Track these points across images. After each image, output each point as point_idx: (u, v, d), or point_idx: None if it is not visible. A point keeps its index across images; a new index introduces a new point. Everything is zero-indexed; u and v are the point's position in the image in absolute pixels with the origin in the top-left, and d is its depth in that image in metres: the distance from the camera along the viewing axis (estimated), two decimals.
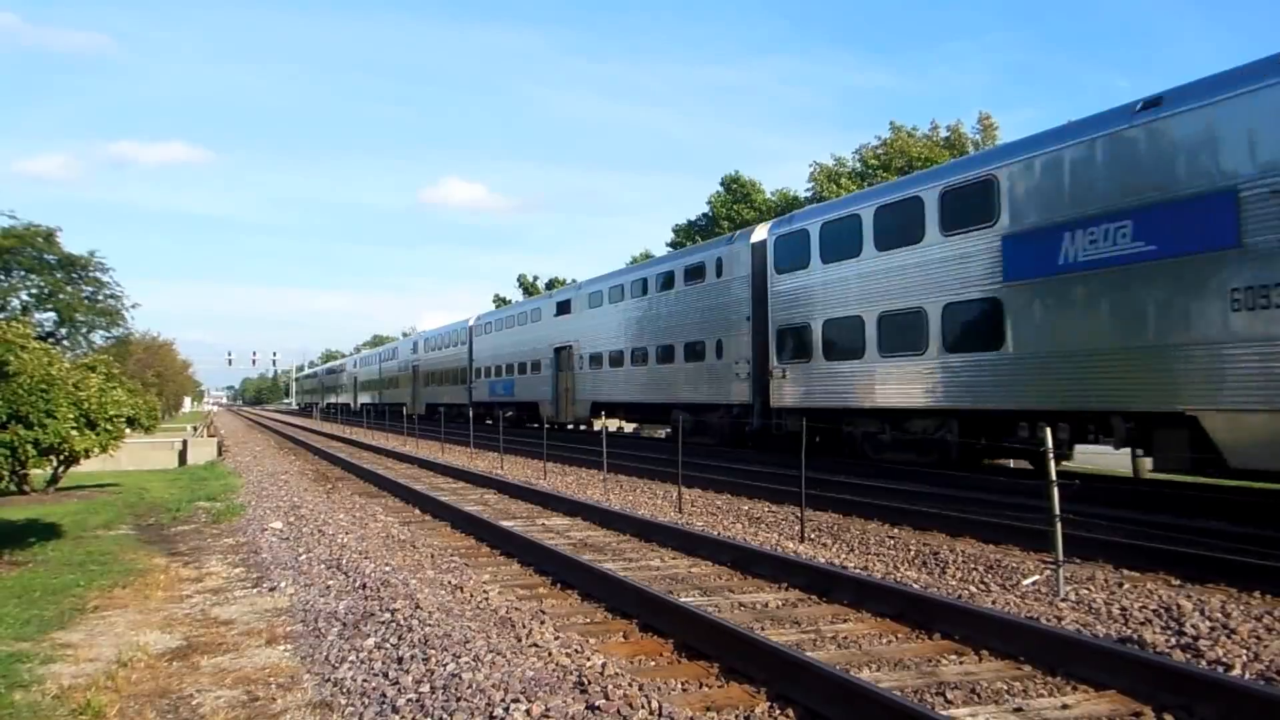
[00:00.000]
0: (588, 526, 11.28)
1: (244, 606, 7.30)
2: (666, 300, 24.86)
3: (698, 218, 56.95)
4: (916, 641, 5.98)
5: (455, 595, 7.33)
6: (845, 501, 11.99)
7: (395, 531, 11.02)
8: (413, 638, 5.93)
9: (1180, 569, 7.85)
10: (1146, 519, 10.06)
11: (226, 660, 5.78)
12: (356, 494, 15.62)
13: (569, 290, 33.81)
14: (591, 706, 4.57)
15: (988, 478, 14.43)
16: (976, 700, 4.83)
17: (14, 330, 11.89)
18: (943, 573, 8.22)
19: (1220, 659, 5.42)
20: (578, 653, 5.54)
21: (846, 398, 16.97)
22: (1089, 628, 6.17)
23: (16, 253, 42.58)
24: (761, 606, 7.01)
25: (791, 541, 9.86)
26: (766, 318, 19.45)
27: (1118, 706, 4.68)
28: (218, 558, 9.62)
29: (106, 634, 6.45)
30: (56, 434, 11.35)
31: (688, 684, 5.16)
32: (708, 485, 14.61)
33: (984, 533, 9.81)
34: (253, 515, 12.71)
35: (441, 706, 4.66)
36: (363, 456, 24.91)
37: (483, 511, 12.34)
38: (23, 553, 9.60)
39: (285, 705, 4.92)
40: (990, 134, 42.19)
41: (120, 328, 48.39)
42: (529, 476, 17.48)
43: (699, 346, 22.83)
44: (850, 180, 43.79)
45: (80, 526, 11.69)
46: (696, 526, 10.69)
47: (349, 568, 8.47)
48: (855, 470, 15.43)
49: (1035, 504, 9.47)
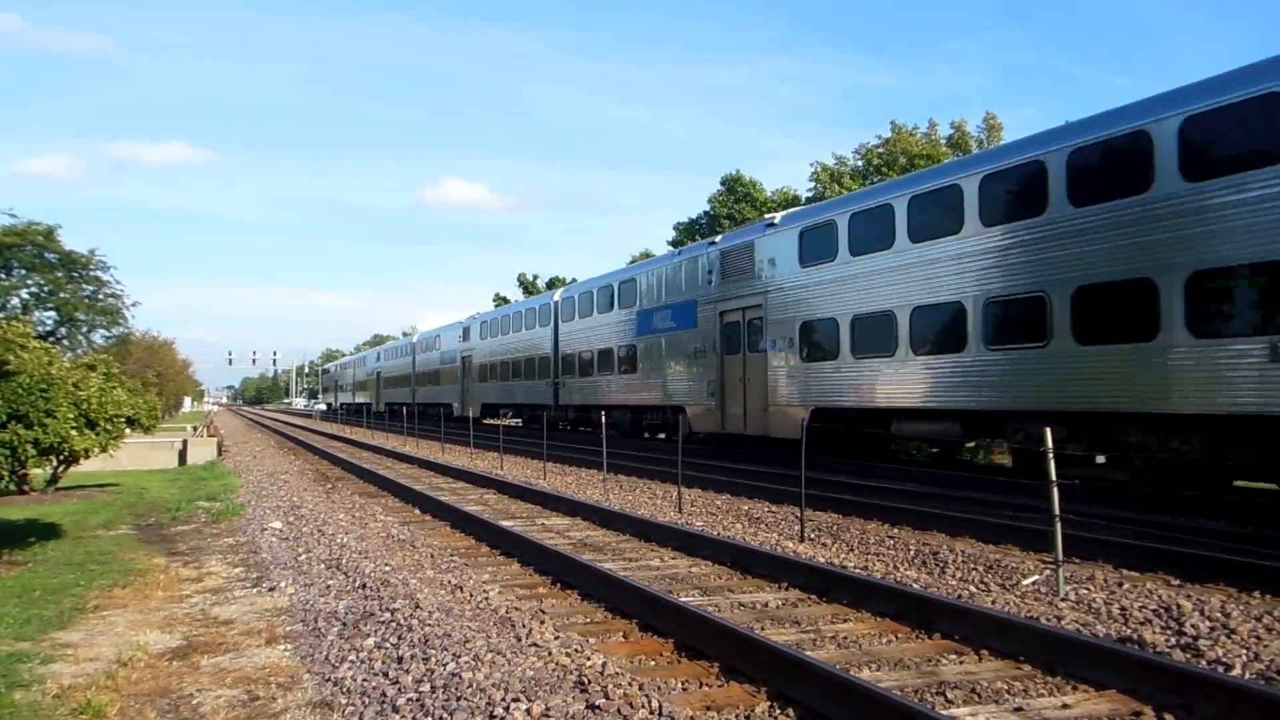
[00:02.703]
0: (588, 526, 11.28)
1: (244, 606, 7.30)
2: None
3: (699, 216, 56.98)
4: (916, 641, 5.98)
5: (455, 595, 7.33)
6: (845, 501, 11.99)
7: (395, 531, 11.03)
8: (413, 637, 5.93)
9: (1180, 569, 7.85)
10: (1146, 519, 10.06)
11: (226, 660, 5.78)
12: (356, 494, 15.62)
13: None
14: (591, 706, 4.57)
15: (987, 478, 14.45)
16: (976, 700, 4.83)
17: (14, 329, 11.89)
18: (942, 572, 8.22)
19: (1220, 659, 5.42)
20: (578, 652, 5.55)
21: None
22: (1089, 627, 6.17)
23: (17, 250, 42.55)
24: (761, 606, 7.01)
25: (791, 541, 9.87)
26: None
27: (1118, 706, 4.68)
28: (217, 557, 9.62)
29: (106, 633, 6.45)
30: (56, 434, 11.34)
31: (688, 683, 5.16)
32: (707, 485, 14.61)
33: (983, 533, 9.81)
34: (252, 515, 12.71)
35: (442, 706, 4.66)
36: (363, 456, 24.90)
37: (483, 511, 12.34)
38: (22, 552, 9.61)
39: (285, 705, 4.92)
40: (996, 133, 42.15)
41: (120, 327, 48.38)
42: (529, 476, 17.49)
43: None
44: (852, 180, 43.78)
45: (80, 526, 11.69)
46: (696, 526, 10.69)
47: (349, 567, 8.47)
48: (855, 470, 15.44)
49: (1034, 504, 9.48)
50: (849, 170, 46.23)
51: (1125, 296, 11.45)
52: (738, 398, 19.73)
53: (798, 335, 17.50)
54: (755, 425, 18.97)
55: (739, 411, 19.59)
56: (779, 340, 18.15)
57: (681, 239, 54.37)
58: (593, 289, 28.27)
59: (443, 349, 46.14)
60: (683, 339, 22.04)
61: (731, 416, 19.93)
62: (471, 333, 41.19)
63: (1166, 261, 10.90)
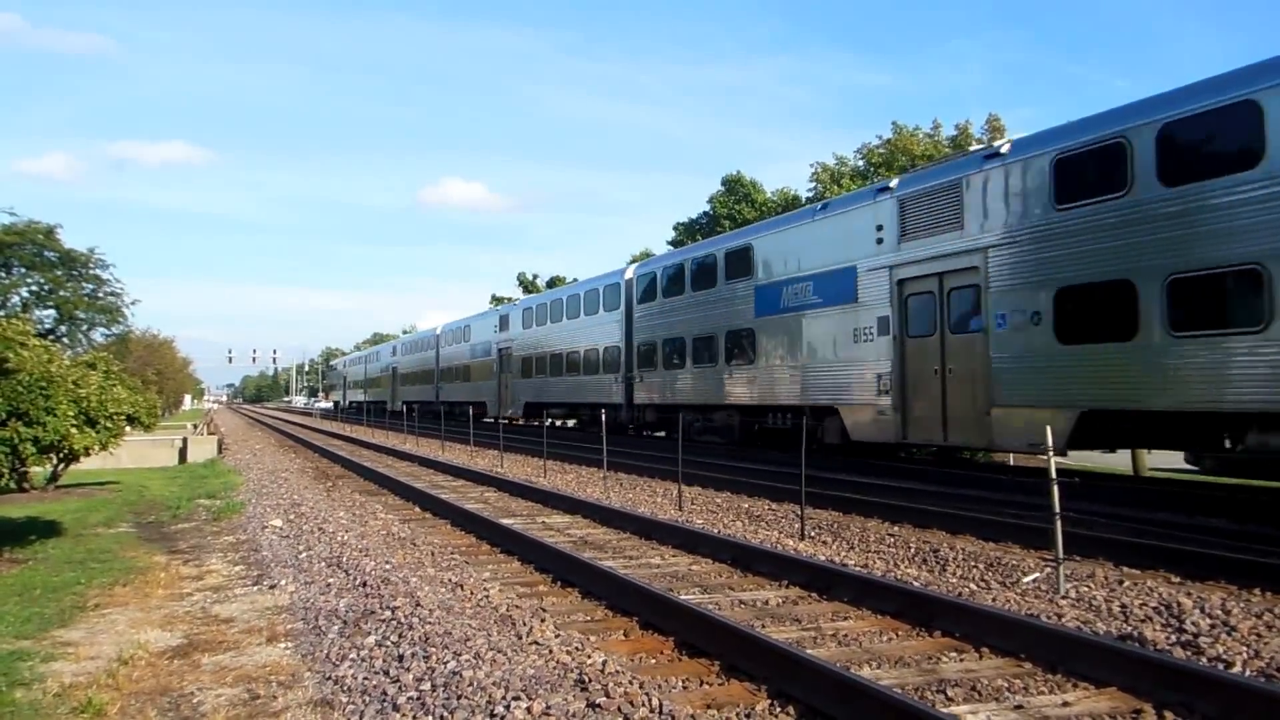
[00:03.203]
0: (588, 524, 11.28)
1: (244, 604, 7.30)
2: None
3: (699, 216, 56.94)
4: (917, 639, 5.98)
5: (456, 593, 7.33)
6: (845, 499, 11.99)
7: (395, 529, 11.03)
8: (413, 635, 5.93)
9: (1180, 566, 7.85)
10: (1146, 516, 10.06)
11: (227, 658, 5.78)
12: (357, 492, 15.62)
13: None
14: (592, 704, 4.57)
15: (989, 475, 14.43)
16: (977, 698, 4.83)
17: (14, 327, 11.86)
18: (943, 570, 8.23)
19: (1220, 656, 5.42)
20: (578, 650, 5.55)
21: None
22: (1089, 625, 6.17)
23: (17, 249, 42.55)
24: (762, 604, 7.01)
25: (791, 539, 9.87)
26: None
27: (1118, 704, 4.68)
28: (218, 555, 9.63)
29: (107, 632, 6.45)
30: (56, 431, 11.33)
31: (688, 682, 5.16)
32: (708, 483, 14.60)
33: (984, 530, 9.81)
34: (253, 513, 12.71)
35: (442, 704, 4.66)
36: (363, 454, 24.91)
37: (483, 509, 12.33)
38: (23, 550, 9.61)
39: (286, 703, 4.92)
40: (998, 135, 42.14)
41: (120, 325, 48.35)
42: (529, 475, 17.48)
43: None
44: (852, 180, 43.76)
45: (80, 524, 11.69)
46: (697, 524, 10.69)
47: (349, 565, 8.47)
48: (855, 468, 15.42)
49: (1035, 502, 9.49)
50: (849, 170, 46.22)
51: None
52: (930, 395, 14.51)
53: (1050, 305, 12.31)
54: (964, 433, 14.03)
55: (932, 415, 14.44)
56: (1013, 313, 12.95)
57: (681, 239, 54.27)
58: (683, 261, 22.96)
59: (474, 340, 39.80)
60: (832, 318, 16.70)
61: (919, 421, 14.78)
62: (511, 321, 35.14)
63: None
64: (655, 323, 23.78)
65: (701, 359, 21.33)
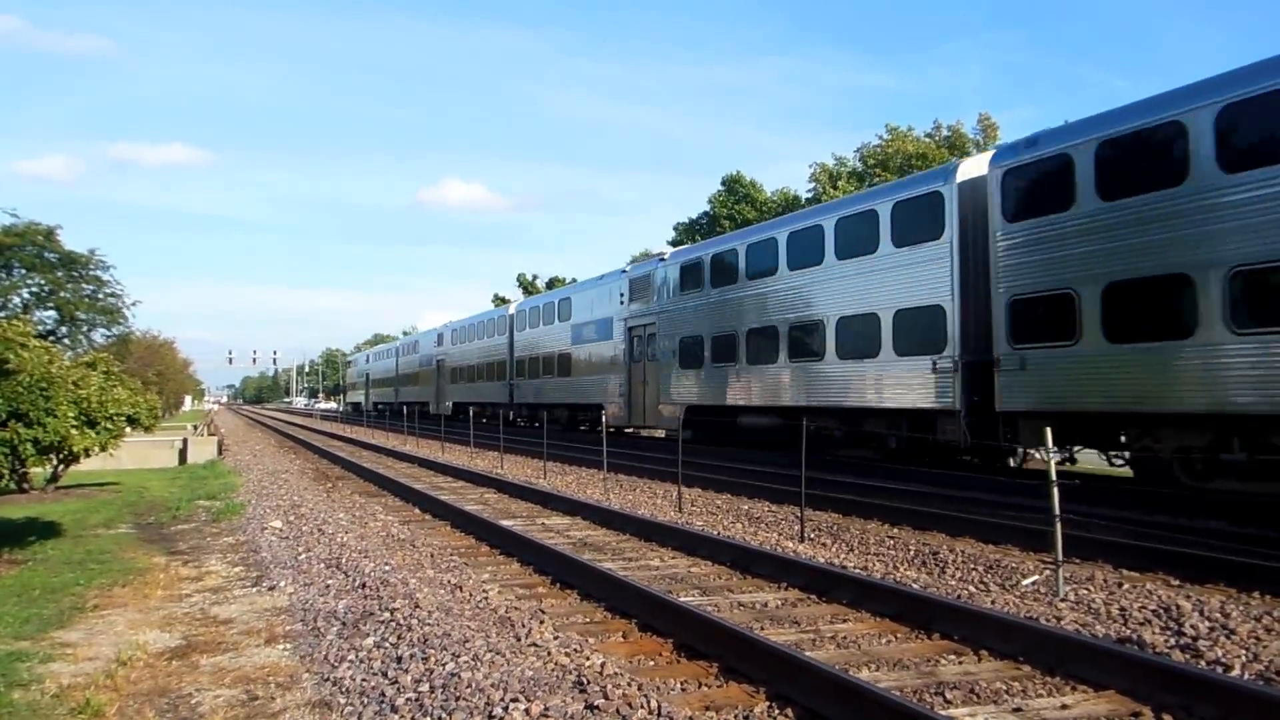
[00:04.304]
0: (587, 526, 11.28)
1: (243, 605, 7.30)
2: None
3: (699, 216, 56.98)
4: (916, 641, 5.98)
5: (455, 594, 7.33)
6: (845, 501, 11.99)
7: (395, 530, 11.03)
8: (412, 637, 5.93)
9: (1179, 569, 7.85)
10: (1146, 519, 10.06)
11: (226, 659, 5.78)
12: (356, 493, 15.62)
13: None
14: (591, 706, 4.57)
15: (988, 478, 14.43)
16: (976, 700, 4.83)
17: (14, 328, 11.87)
18: (942, 573, 8.22)
19: (1219, 659, 5.42)
20: (577, 652, 5.55)
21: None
22: (1088, 628, 6.17)
23: (17, 250, 42.60)
24: (761, 606, 7.00)
25: (791, 541, 9.86)
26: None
27: (1117, 706, 4.68)
28: (217, 557, 9.63)
29: (106, 633, 6.45)
30: (56, 432, 11.35)
31: (687, 683, 5.16)
32: (708, 485, 14.60)
33: (983, 533, 9.81)
34: (252, 514, 12.71)
35: (441, 706, 4.66)
36: (363, 455, 24.91)
37: (482, 510, 12.33)
38: (22, 551, 9.61)
39: (284, 704, 4.92)
40: (991, 134, 42.20)
41: (121, 326, 48.33)
42: (529, 476, 17.48)
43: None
44: (850, 180, 43.77)
45: (80, 525, 11.70)
46: (696, 526, 10.69)
47: (348, 567, 8.47)
48: (855, 470, 15.43)
49: (1034, 504, 9.48)
50: (848, 171, 46.24)
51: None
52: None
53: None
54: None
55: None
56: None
57: (681, 239, 54.35)
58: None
59: (575, 319, 30.05)
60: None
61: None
62: (656, 282, 24.29)
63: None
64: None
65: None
